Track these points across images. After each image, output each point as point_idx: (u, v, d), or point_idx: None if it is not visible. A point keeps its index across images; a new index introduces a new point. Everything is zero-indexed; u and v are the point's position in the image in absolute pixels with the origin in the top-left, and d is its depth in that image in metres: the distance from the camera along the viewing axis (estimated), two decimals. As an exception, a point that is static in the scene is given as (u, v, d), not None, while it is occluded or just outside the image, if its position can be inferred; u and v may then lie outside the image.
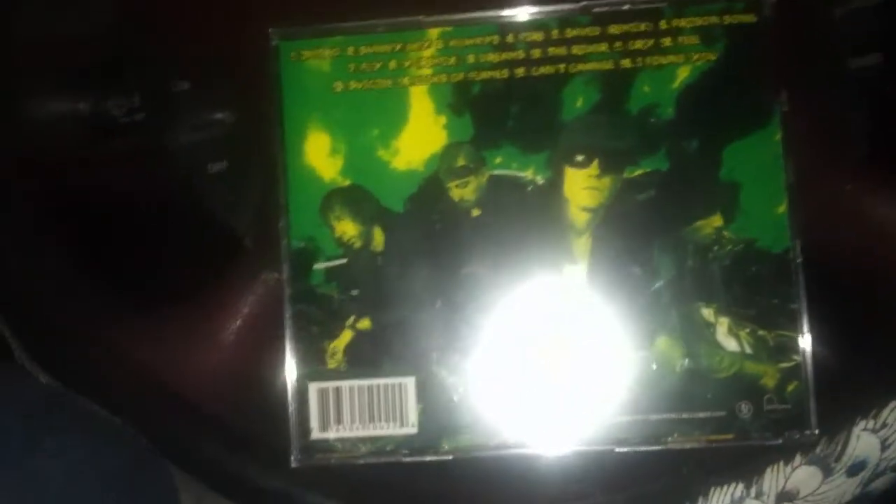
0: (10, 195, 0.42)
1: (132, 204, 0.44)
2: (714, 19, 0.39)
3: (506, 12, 0.39)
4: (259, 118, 0.40)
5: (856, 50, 0.41)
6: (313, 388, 0.39)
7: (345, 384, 0.39)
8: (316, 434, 0.39)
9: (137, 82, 0.43)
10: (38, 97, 0.43)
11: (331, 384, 0.39)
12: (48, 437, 0.35)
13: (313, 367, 0.39)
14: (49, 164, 0.43)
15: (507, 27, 0.39)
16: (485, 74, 0.39)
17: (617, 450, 0.38)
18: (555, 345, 0.38)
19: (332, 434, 0.39)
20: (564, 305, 0.38)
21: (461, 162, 0.39)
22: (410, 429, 0.38)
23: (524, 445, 0.38)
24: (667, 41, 0.39)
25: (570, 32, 0.39)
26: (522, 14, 0.39)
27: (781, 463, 0.37)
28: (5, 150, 0.42)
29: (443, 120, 0.39)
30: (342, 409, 0.39)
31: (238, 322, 0.40)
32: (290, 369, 0.39)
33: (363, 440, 0.38)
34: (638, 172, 0.38)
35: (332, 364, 0.39)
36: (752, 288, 0.38)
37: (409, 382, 0.39)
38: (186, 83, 0.43)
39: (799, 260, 0.37)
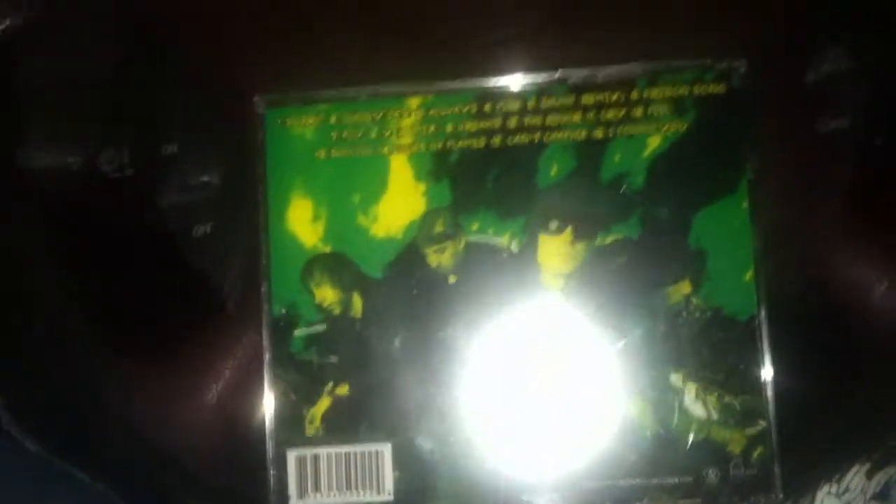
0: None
1: (117, 263, 0.44)
2: (685, 90, 0.39)
3: (483, 84, 0.40)
4: (244, 183, 0.41)
5: (826, 114, 0.41)
6: (291, 456, 0.39)
7: (322, 451, 0.39)
8: (294, 502, 0.39)
9: (127, 141, 0.43)
10: (29, 148, 0.43)
11: (309, 451, 0.39)
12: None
13: (291, 433, 0.40)
14: (35, 220, 0.43)
15: (485, 96, 0.40)
16: (463, 143, 0.40)
17: (588, 515, 0.38)
18: (529, 408, 0.39)
19: (310, 501, 0.39)
20: (537, 370, 0.39)
21: (439, 228, 0.39)
22: (387, 496, 0.39)
23: (499, 511, 0.38)
24: (638, 111, 0.40)
25: (547, 102, 0.40)
26: (501, 83, 0.40)
27: (748, 527, 0.38)
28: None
29: (422, 187, 0.40)
30: (320, 476, 0.39)
31: (219, 385, 0.41)
32: (269, 435, 0.40)
33: None
34: (610, 239, 0.39)
35: (310, 430, 0.40)
36: (720, 354, 0.39)
37: (386, 449, 0.39)
38: (175, 146, 0.44)
39: (764, 327, 0.38)
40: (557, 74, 0.39)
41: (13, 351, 0.42)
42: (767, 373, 0.38)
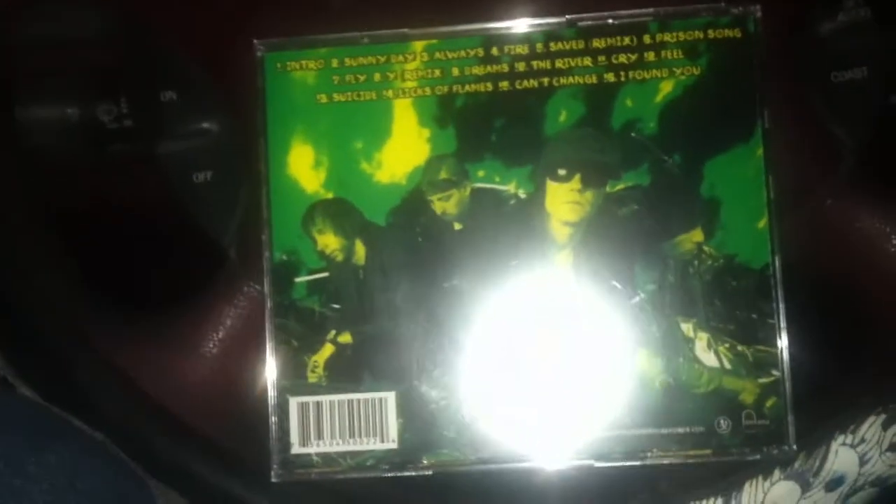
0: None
1: (117, 213, 0.44)
2: (698, 34, 0.38)
3: (491, 25, 0.39)
4: (244, 129, 0.40)
5: (841, 64, 0.40)
6: (294, 403, 0.39)
7: (325, 399, 0.39)
8: (296, 449, 0.39)
9: (125, 90, 0.43)
10: (27, 103, 0.43)
11: (311, 398, 0.39)
12: (30, 458, 0.35)
13: (294, 380, 0.39)
14: (34, 172, 0.43)
15: (491, 40, 0.39)
16: (469, 88, 0.39)
17: (596, 465, 0.38)
18: (535, 360, 0.38)
19: (312, 449, 0.39)
20: (545, 320, 0.38)
21: (444, 175, 0.39)
22: (391, 444, 0.39)
23: (504, 461, 0.38)
24: (651, 56, 0.39)
25: (555, 46, 0.39)
26: (508, 27, 0.39)
27: (760, 478, 0.37)
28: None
29: (426, 133, 0.39)
30: (322, 423, 0.39)
31: (220, 334, 0.40)
32: (271, 383, 0.39)
33: (343, 455, 0.38)
34: (620, 187, 0.39)
35: (312, 378, 0.39)
36: (732, 303, 0.38)
37: (390, 397, 0.39)
38: (173, 92, 0.43)
39: (778, 275, 0.37)
40: (566, 18, 0.38)
41: (10, 298, 0.41)
42: (781, 322, 0.37)
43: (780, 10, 0.38)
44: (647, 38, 0.38)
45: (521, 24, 0.39)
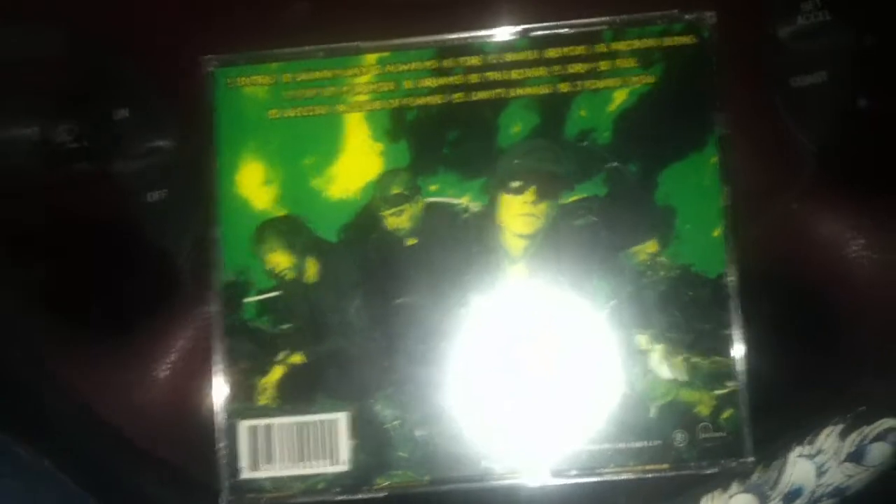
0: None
1: (71, 233, 0.43)
2: (653, 42, 0.38)
3: (444, 37, 0.38)
4: (197, 146, 0.39)
5: (801, 69, 0.40)
6: (243, 427, 0.38)
7: (275, 421, 0.38)
8: (246, 473, 0.38)
9: (78, 109, 0.42)
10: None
11: (261, 422, 0.38)
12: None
13: (243, 403, 0.38)
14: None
15: (445, 52, 0.39)
16: (422, 100, 0.39)
17: (553, 482, 0.37)
18: (491, 376, 0.38)
19: (262, 473, 0.38)
20: (500, 335, 0.38)
21: (397, 189, 0.38)
22: (342, 466, 0.38)
23: (458, 481, 0.37)
24: (604, 65, 0.39)
25: (509, 56, 0.38)
26: (461, 38, 0.39)
27: (718, 491, 0.37)
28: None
29: (379, 147, 0.39)
30: (273, 446, 0.38)
31: (173, 356, 0.40)
32: (220, 406, 0.38)
33: (295, 479, 0.38)
34: (574, 198, 0.38)
35: (262, 400, 0.38)
36: (687, 314, 0.37)
37: (342, 418, 0.38)
38: (126, 110, 0.42)
39: (734, 285, 0.37)
40: (519, 28, 0.37)
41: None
42: (737, 332, 0.37)
43: (737, 15, 0.38)
44: (600, 47, 0.38)
45: (474, 35, 0.38)
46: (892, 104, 0.40)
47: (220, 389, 0.39)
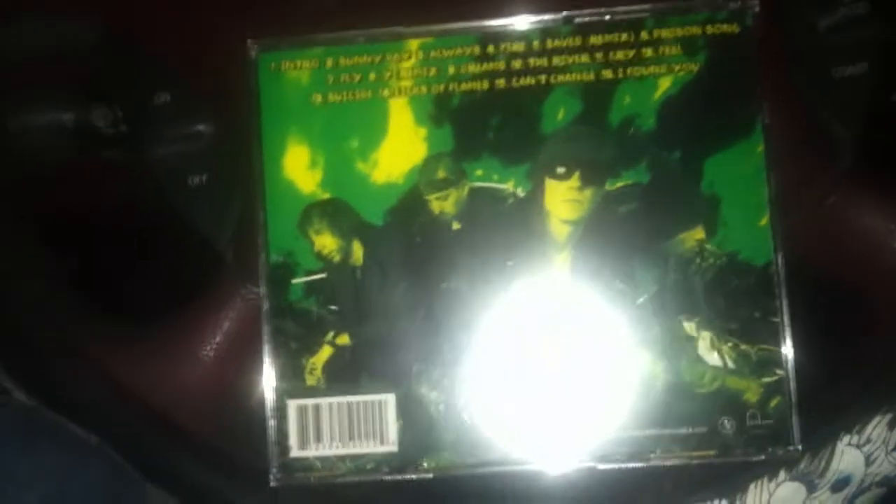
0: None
1: (113, 218, 0.44)
2: (696, 30, 0.38)
3: (487, 23, 0.38)
4: (239, 131, 0.40)
5: (841, 59, 0.40)
6: (292, 406, 0.38)
7: (324, 401, 0.38)
8: (295, 452, 0.38)
9: (119, 94, 0.42)
10: (23, 110, 0.42)
11: (310, 401, 0.38)
12: (22, 463, 0.35)
13: (292, 383, 0.39)
14: (30, 178, 0.42)
15: (488, 38, 0.39)
16: (465, 86, 0.39)
17: (599, 467, 0.37)
18: (536, 360, 0.38)
19: (311, 452, 0.38)
20: (545, 320, 0.38)
21: (441, 174, 0.38)
22: (391, 446, 0.38)
23: (505, 463, 0.37)
24: (648, 52, 0.38)
25: (552, 43, 0.38)
26: (504, 25, 0.38)
27: (765, 479, 0.37)
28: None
29: (423, 132, 0.39)
30: (321, 426, 0.38)
31: (217, 338, 0.40)
32: (269, 386, 0.38)
33: (343, 458, 0.38)
34: (619, 185, 0.38)
35: (310, 381, 0.38)
36: (735, 301, 0.37)
37: (389, 399, 0.38)
38: (167, 95, 0.42)
39: (781, 273, 0.37)
40: (562, 15, 0.37)
41: (3, 305, 0.41)
42: (784, 321, 0.36)
43: (779, 4, 0.38)
44: (644, 35, 0.38)
45: (517, 22, 0.39)
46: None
47: (268, 369, 0.38)
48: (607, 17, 0.38)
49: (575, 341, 0.38)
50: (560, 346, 0.38)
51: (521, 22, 0.39)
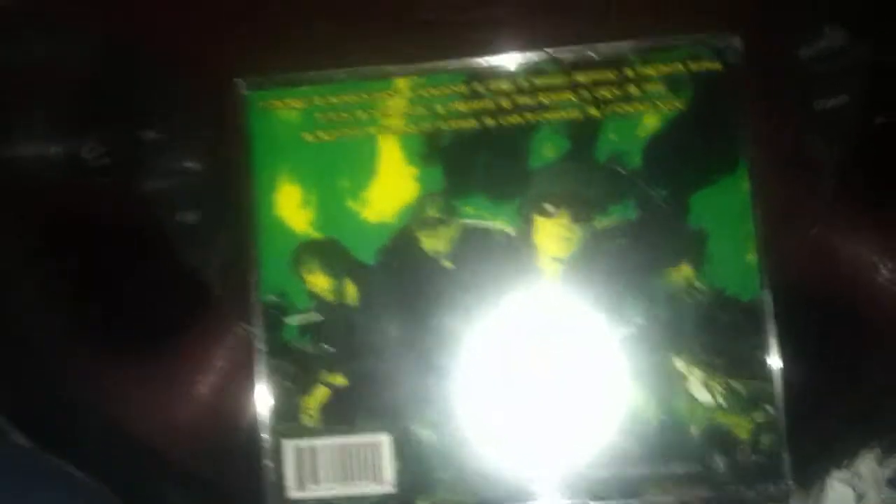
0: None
1: (102, 253, 0.43)
2: (680, 67, 0.38)
3: (474, 61, 0.38)
4: (229, 168, 0.40)
5: (823, 92, 0.40)
6: (289, 446, 0.38)
7: (320, 442, 0.39)
8: (293, 493, 0.39)
9: (108, 128, 0.42)
10: (10, 140, 0.42)
11: (306, 442, 0.39)
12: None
13: (288, 423, 0.39)
14: (18, 209, 0.42)
15: (475, 76, 0.39)
16: (454, 124, 0.39)
17: (593, 504, 0.37)
18: (529, 398, 0.38)
19: (308, 493, 0.39)
20: (537, 357, 0.38)
21: (433, 213, 0.38)
22: (387, 487, 0.38)
23: (501, 501, 0.38)
24: (633, 89, 0.39)
25: (538, 81, 0.39)
26: (490, 63, 0.39)
27: (758, 515, 0.37)
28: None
29: (414, 170, 0.39)
30: (318, 467, 0.39)
31: (209, 375, 0.40)
32: (265, 426, 0.39)
33: (340, 499, 0.38)
34: (607, 221, 0.38)
35: (306, 421, 0.39)
36: (723, 337, 0.38)
37: (385, 439, 0.38)
38: (155, 131, 0.42)
39: (769, 309, 0.37)
40: (549, 53, 0.38)
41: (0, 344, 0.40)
42: (774, 356, 0.37)
43: (761, 40, 0.38)
44: (629, 72, 0.38)
45: (503, 60, 0.39)
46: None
47: (264, 409, 0.39)
48: (592, 56, 0.38)
49: (568, 379, 0.38)
50: (553, 383, 0.38)
51: (508, 60, 0.39)
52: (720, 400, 0.37)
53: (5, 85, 0.42)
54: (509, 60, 0.39)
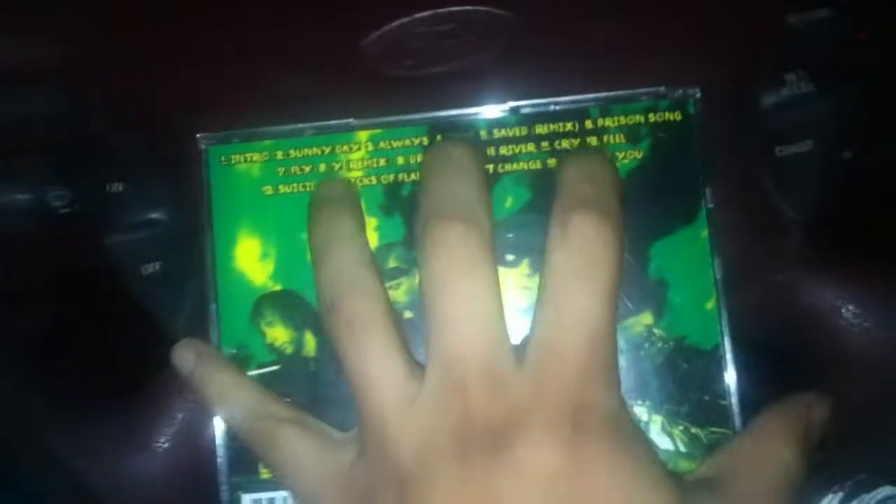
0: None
1: (64, 304, 0.43)
2: (639, 118, 0.39)
3: (435, 114, 0.39)
4: (191, 222, 0.40)
5: (785, 138, 0.41)
6: (247, 500, 0.38)
7: (278, 495, 0.38)
8: None
9: (73, 180, 0.42)
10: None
11: (264, 495, 0.38)
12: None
13: (246, 477, 0.38)
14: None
15: (436, 128, 0.39)
16: (415, 176, 0.39)
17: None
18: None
19: (266, 547, 0.37)
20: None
21: (393, 263, 0.38)
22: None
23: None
24: (593, 140, 0.39)
25: (498, 133, 0.39)
26: (451, 115, 0.39)
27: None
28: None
29: (374, 222, 0.39)
30: (276, 520, 0.37)
31: (168, 427, 0.40)
32: (223, 479, 0.38)
33: None
34: (568, 272, 0.38)
35: (265, 474, 0.38)
36: (684, 385, 0.38)
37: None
38: (120, 184, 0.43)
39: (729, 356, 0.37)
40: (508, 105, 0.38)
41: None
42: (734, 404, 0.37)
43: (722, 88, 0.38)
44: (588, 124, 0.39)
45: (464, 113, 0.39)
46: (877, 172, 0.41)
47: (222, 462, 0.38)
48: (553, 108, 0.39)
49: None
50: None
51: (468, 112, 0.39)
52: (681, 447, 0.37)
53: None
54: (469, 113, 0.39)
